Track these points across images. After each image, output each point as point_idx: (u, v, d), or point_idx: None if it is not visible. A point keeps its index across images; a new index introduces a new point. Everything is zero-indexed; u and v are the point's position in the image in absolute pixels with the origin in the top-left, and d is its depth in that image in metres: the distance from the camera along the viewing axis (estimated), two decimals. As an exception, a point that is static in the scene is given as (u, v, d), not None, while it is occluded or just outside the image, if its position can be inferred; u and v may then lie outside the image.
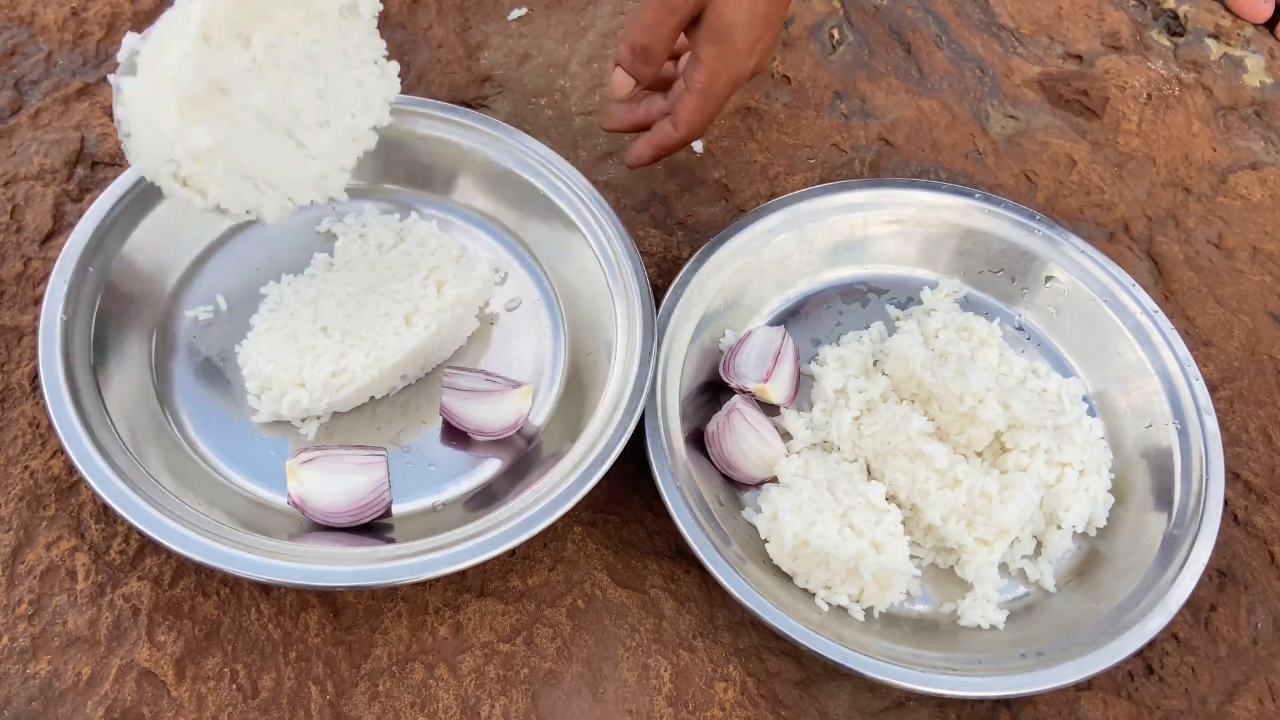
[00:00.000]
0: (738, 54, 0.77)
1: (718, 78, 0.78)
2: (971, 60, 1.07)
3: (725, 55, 0.77)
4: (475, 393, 0.75)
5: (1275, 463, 0.85)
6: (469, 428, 0.76)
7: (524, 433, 0.78)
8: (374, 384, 0.77)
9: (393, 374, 0.77)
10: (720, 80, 0.79)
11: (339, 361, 0.75)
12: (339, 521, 0.71)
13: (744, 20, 0.76)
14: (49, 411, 0.69)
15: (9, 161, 0.88)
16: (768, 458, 0.76)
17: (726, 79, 0.79)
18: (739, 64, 0.78)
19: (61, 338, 0.72)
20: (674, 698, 0.70)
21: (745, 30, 0.76)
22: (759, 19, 0.76)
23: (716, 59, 0.77)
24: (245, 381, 0.76)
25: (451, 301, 0.79)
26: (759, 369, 0.78)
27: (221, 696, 0.67)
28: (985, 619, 0.72)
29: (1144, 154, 1.03)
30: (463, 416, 0.75)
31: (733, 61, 0.78)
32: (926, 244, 0.89)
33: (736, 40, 0.77)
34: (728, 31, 0.76)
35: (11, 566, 0.70)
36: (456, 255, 0.82)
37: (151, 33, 0.67)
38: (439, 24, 1.03)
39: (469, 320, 0.81)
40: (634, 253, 0.81)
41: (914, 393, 0.79)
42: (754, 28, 0.77)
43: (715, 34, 0.76)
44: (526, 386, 0.76)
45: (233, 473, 0.74)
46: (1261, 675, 0.75)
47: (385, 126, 0.76)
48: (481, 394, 0.75)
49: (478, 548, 0.66)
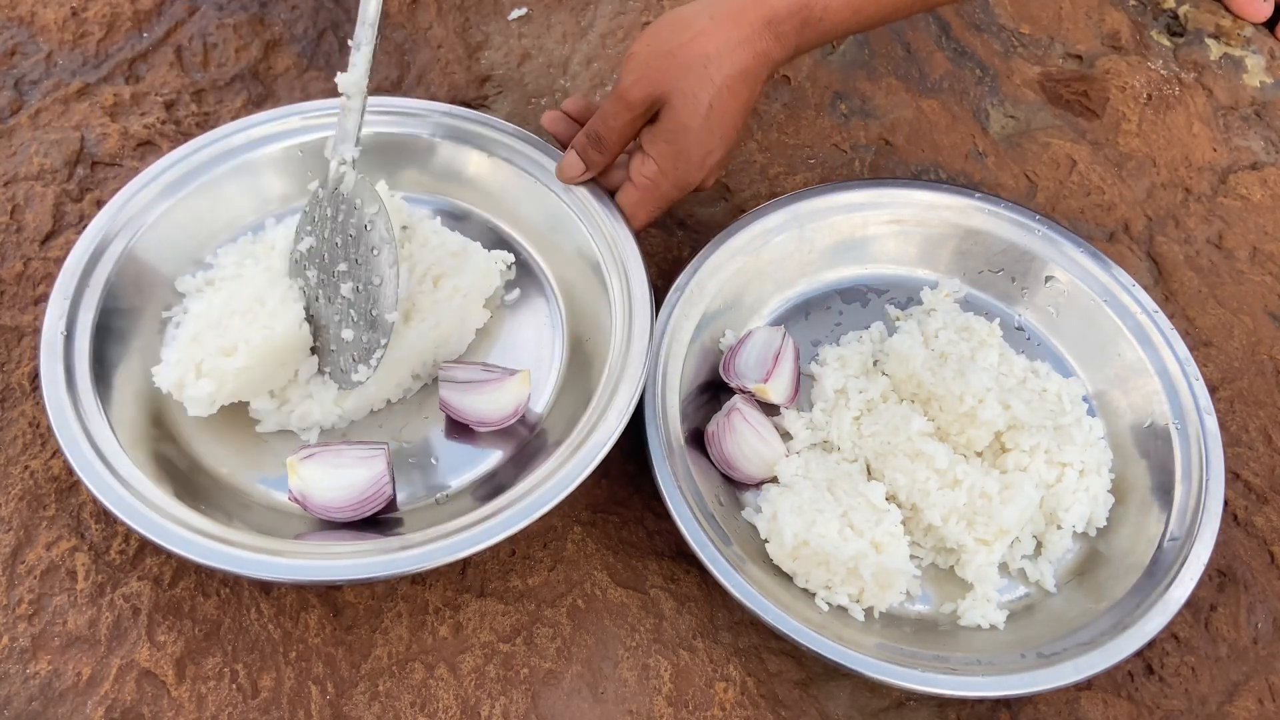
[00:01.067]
0: (688, 159, 0.77)
1: (664, 176, 0.78)
2: (971, 60, 1.07)
3: (675, 157, 0.77)
4: (473, 384, 0.75)
5: (1275, 463, 0.85)
6: (470, 419, 0.76)
7: (526, 421, 0.78)
8: (381, 390, 0.77)
9: (400, 373, 0.77)
10: (667, 179, 0.78)
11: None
12: (341, 516, 0.71)
13: (699, 126, 0.75)
14: (48, 415, 0.69)
15: (9, 161, 0.88)
16: (768, 458, 0.76)
17: (673, 180, 0.78)
18: (688, 170, 0.78)
19: (62, 343, 0.73)
20: (674, 698, 0.70)
21: (699, 136, 0.76)
22: (714, 130, 0.76)
23: (666, 158, 0.77)
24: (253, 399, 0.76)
25: (449, 292, 0.79)
26: (759, 369, 0.78)
27: (221, 696, 0.67)
28: (985, 619, 0.72)
29: (1144, 154, 1.03)
30: (462, 409, 0.75)
31: (681, 165, 0.78)
32: (926, 244, 0.89)
33: (690, 145, 0.76)
34: (682, 133, 0.76)
35: (11, 566, 0.70)
36: (455, 249, 0.82)
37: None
38: (439, 24, 1.03)
39: (475, 312, 0.81)
40: (634, 249, 0.80)
41: (914, 393, 0.79)
42: (709, 138, 0.76)
43: (669, 134, 0.76)
44: (524, 372, 0.76)
45: (237, 476, 0.74)
46: (1261, 675, 0.75)
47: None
48: (479, 384, 0.75)
49: (474, 537, 0.66)
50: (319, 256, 0.76)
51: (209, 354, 0.72)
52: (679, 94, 0.74)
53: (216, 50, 0.98)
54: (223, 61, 0.97)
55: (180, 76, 0.96)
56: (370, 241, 0.74)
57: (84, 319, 0.74)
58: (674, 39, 0.75)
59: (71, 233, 0.85)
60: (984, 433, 0.76)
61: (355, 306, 0.75)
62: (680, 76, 0.74)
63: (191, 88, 0.95)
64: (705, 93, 0.74)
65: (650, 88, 0.75)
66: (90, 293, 0.75)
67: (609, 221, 0.82)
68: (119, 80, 0.95)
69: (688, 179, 0.79)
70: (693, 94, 0.74)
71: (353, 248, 0.75)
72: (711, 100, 0.74)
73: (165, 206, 0.80)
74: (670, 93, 0.75)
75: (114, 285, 0.77)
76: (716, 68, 0.74)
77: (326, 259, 0.76)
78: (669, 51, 0.75)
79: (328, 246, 0.76)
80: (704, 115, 0.75)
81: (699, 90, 0.74)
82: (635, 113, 0.76)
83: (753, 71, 0.75)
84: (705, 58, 0.74)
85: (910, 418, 0.76)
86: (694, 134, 0.76)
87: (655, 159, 0.78)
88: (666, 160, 0.77)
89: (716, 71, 0.74)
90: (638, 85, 0.75)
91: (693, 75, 0.74)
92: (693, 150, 0.77)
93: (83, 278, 0.76)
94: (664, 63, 0.75)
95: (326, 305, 0.76)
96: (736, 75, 0.75)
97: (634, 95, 0.75)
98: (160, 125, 0.92)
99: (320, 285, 0.76)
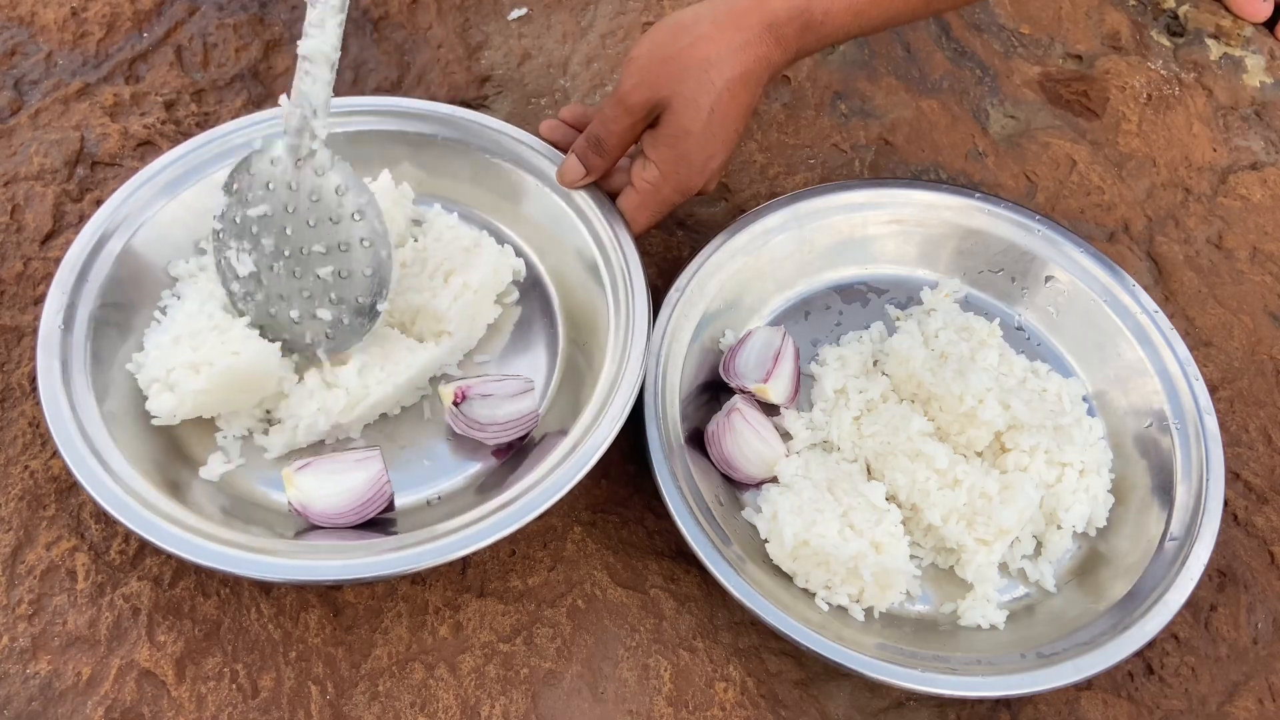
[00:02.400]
0: (690, 164, 0.77)
1: (666, 181, 0.78)
2: (971, 60, 1.07)
3: (677, 161, 0.77)
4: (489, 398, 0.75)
5: (1275, 463, 0.85)
6: (483, 440, 0.76)
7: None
8: (400, 396, 0.77)
9: (420, 381, 0.77)
10: (668, 184, 0.78)
11: (357, 390, 0.75)
12: (344, 521, 0.70)
13: (700, 130, 0.75)
14: (44, 412, 0.69)
15: (9, 161, 0.88)
16: (768, 458, 0.76)
17: (675, 185, 0.78)
18: (689, 175, 0.78)
19: (59, 338, 0.72)
20: (674, 698, 0.70)
21: (701, 140, 0.76)
22: (715, 134, 0.76)
23: (667, 162, 0.77)
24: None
25: (459, 289, 0.78)
26: (759, 369, 0.78)
27: (221, 696, 0.67)
28: (986, 619, 0.72)
29: (1144, 154, 1.03)
30: (467, 434, 0.75)
31: (683, 169, 0.77)
32: (926, 244, 0.89)
33: (691, 149, 0.76)
34: (683, 137, 0.75)
35: (11, 566, 0.70)
36: (469, 244, 0.82)
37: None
38: (439, 24, 1.03)
39: (486, 308, 0.81)
40: (634, 249, 0.80)
41: (914, 393, 0.79)
42: (710, 142, 0.76)
43: (670, 138, 0.76)
44: (530, 390, 0.76)
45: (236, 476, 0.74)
46: (1261, 675, 0.75)
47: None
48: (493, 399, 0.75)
49: (473, 536, 0.66)
50: (277, 227, 0.74)
51: (179, 365, 0.71)
52: (680, 98, 0.74)
53: (216, 50, 0.98)
54: (223, 61, 0.97)
55: (180, 76, 0.96)
56: (358, 232, 0.73)
57: (82, 314, 0.74)
58: (674, 43, 0.75)
59: (71, 233, 0.85)
60: (984, 432, 0.76)
61: (335, 289, 0.74)
62: (681, 81, 0.74)
63: (191, 88, 0.95)
64: (706, 97, 0.74)
65: (651, 92, 0.75)
66: (89, 288, 0.75)
67: (608, 222, 0.82)
68: (119, 80, 0.95)
69: (689, 183, 0.78)
70: (693, 98, 0.74)
71: (329, 231, 0.73)
72: (713, 104, 0.74)
73: (164, 204, 0.80)
74: (671, 97, 0.75)
75: (112, 281, 0.77)
76: (717, 71, 0.74)
77: (290, 233, 0.74)
78: (670, 56, 0.74)
79: (292, 222, 0.74)
80: (705, 119, 0.75)
81: (700, 94, 0.74)
82: (636, 117, 0.76)
83: (754, 75, 0.75)
84: (706, 62, 0.74)
85: (910, 418, 0.76)
86: (695, 138, 0.75)
87: (656, 163, 0.78)
88: (668, 165, 0.77)
89: (717, 75, 0.74)
90: (638, 90, 0.75)
91: (693, 79, 0.74)
92: (694, 155, 0.76)
93: (81, 274, 0.75)
94: (665, 67, 0.74)
95: (288, 278, 0.75)
96: (737, 79, 0.74)
97: (634, 99, 0.75)
98: (160, 125, 0.92)
99: (277, 256, 0.74)
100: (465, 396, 0.73)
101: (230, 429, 0.75)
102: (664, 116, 0.76)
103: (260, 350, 0.73)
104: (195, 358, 0.71)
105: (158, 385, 0.72)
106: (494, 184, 0.87)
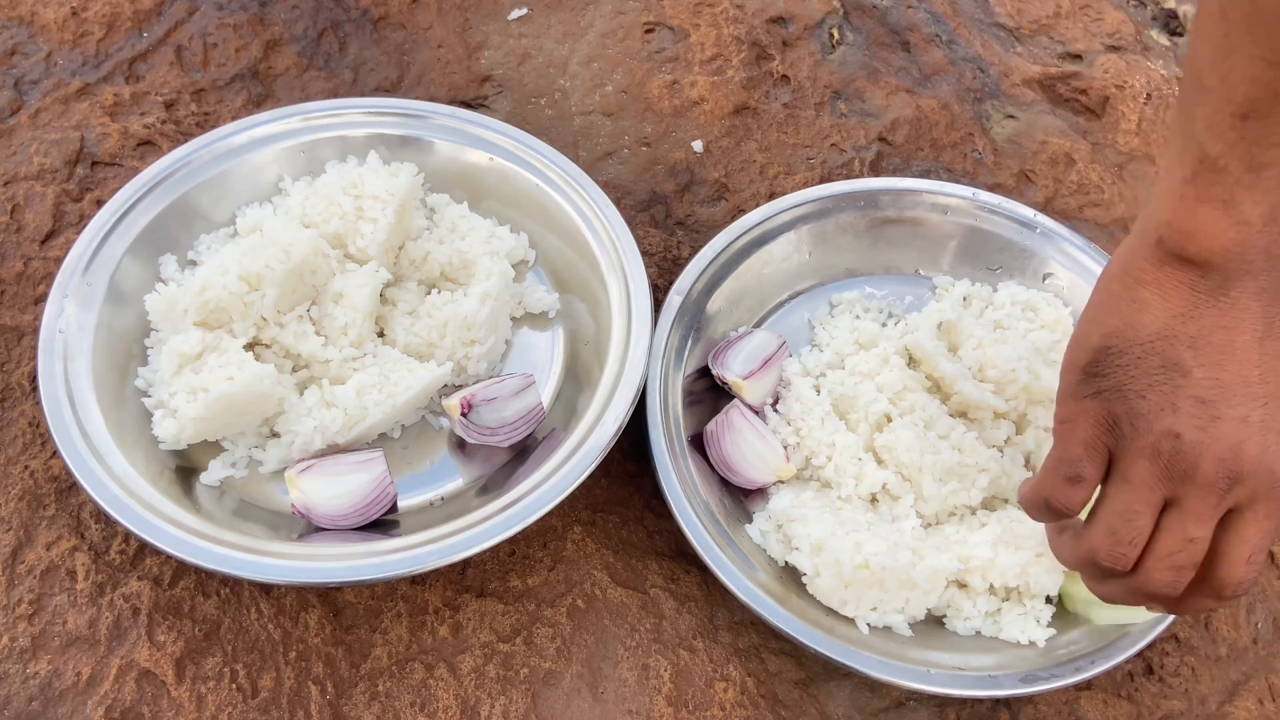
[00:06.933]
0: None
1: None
2: (971, 60, 1.07)
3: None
4: (493, 401, 0.75)
5: (1275, 462, 0.85)
6: (488, 445, 0.76)
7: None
8: (401, 417, 0.77)
9: (423, 400, 0.77)
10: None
11: (354, 408, 0.74)
12: (348, 523, 0.70)
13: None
14: (46, 415, 0.69)
15: (9, 161, 0.88)
16: (768, 459, 0.76)
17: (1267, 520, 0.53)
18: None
19: (61, 341, 0.72)
20: (674, 697, 0.70)
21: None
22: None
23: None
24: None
25: (480, 297, 0.77)
26: (745, 365, 0.78)
27: (221, 696, 0.67)
28: (1026, 635, 0.70)
29: (1144, 154, 1.03)
30: (481, 441, 0.75)
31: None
32: (926, 244, 0.89)
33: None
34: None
35: (11, 566, 0.70)
36: (486, 236, 0.82)
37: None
38: (439, 24, 1.03)
39: (504, 319, 0.81)
40: (634, 249, 0.80)
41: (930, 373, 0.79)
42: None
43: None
44: (531, 384, 0.76)
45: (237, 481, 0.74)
46: (1261, 675, 0.75)
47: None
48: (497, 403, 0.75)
49: (474, 538, 0.66)
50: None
51: (181, 390, 0.71)
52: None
53: (216, 50, 0.98)
54: (223, 61, 0.97)
55: (180, 76, 0.96)
56: None
57: (83, 314, 0.74)
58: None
59: (71, 232, 0.85)
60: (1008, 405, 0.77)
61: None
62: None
63: (191, 88, 0.95)
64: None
65: None
66: (91, 291, 0.75)
67: (608, 222, 0.82)
68: (119, 80, 0.95)
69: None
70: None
71: None
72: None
73: (166, 205, 0.80)
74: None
75: (114, 283, 0.77)
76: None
77: None
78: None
79: None
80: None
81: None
82: (1100, 446, 0.56)
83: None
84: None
85: (932, 439, 0.74)
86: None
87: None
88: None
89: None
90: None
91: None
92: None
93: (82, 276, 0.76)
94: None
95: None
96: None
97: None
98: (160, 125, 0.92)
99: None
100: (471, 405, 0.73)
101: (237, 449, 0.74)
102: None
103: (256, 373, 0.72)
104: (197, 380, 0.71)
105: (161, 411, 0.72)
106: (494, 185, 0.87)
